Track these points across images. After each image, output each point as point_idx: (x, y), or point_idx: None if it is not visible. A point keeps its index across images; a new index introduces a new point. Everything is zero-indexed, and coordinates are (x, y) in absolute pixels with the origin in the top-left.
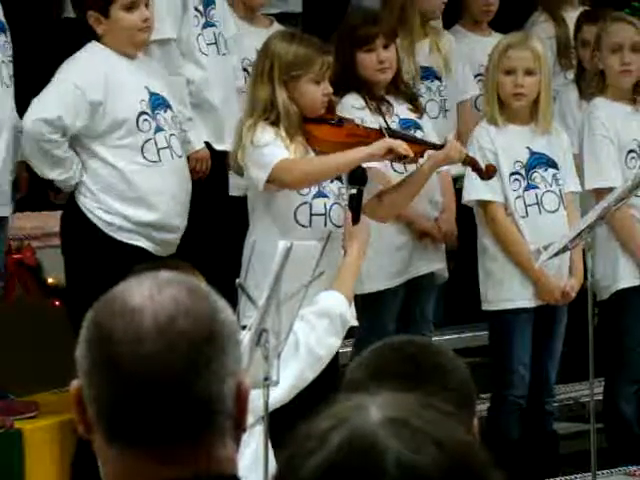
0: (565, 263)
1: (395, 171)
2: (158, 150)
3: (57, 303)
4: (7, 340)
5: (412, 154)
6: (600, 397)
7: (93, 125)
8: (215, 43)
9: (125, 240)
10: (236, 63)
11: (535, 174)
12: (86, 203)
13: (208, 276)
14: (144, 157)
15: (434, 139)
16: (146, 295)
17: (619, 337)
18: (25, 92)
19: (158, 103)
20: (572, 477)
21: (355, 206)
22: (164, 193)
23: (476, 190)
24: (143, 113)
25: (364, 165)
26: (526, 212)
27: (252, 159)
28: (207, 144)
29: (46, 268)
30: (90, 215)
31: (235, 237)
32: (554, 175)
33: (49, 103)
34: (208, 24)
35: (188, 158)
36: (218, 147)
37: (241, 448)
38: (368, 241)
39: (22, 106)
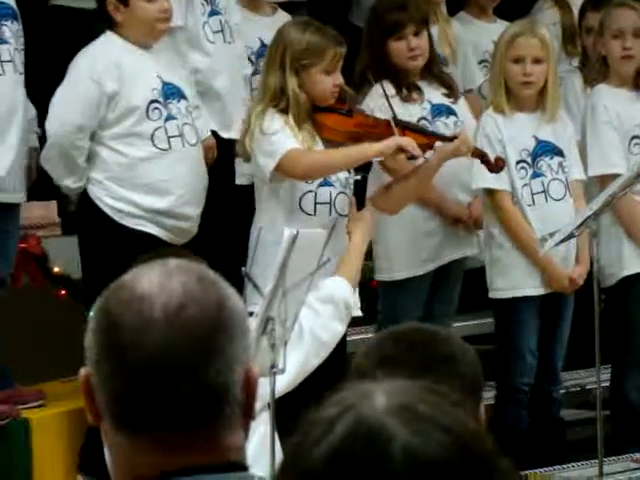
0: (572, 250)
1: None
2: (168, 138)
3: (63, 292)
4: (14, 329)
5: (421, 153)
6: (606, 384)
7: (106, 114)
8: (221, 31)
9: (134, 226)
10: (242, 51)
11: (541, 162)
12: (95, 191)
13: (215, 264)
14: (154, 145)
15: (470, 122)
16: (155, 283)
17: (625, 324)
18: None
19: (171, 92)
20: (579, 464)
21: (359, 192)
22: (173, 181)
23: (483, 178)
24: (154, 101)
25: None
26: (533, 200)
27: (260, 147)
28: (213, 132)
29: (52, 257)
30: (99, 203)
31: (241, 225)
32: (560, 163)
33: (73, 107)
34: (214, 12)
35: None
36: (225, 135)
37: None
38: (373, 226)
39: None
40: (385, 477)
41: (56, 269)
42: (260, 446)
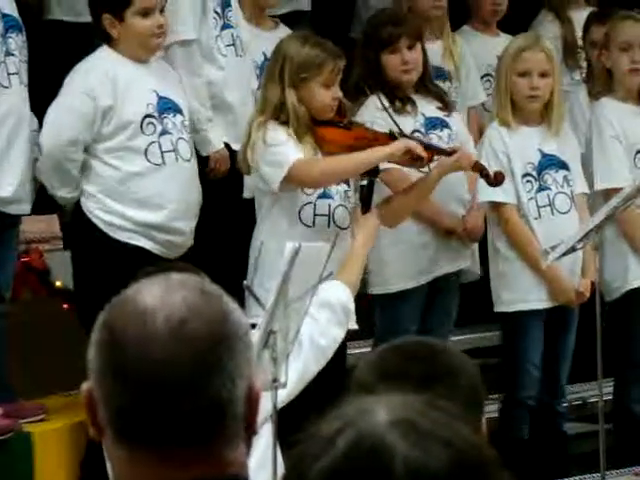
0: (577, 263)
1: (420, 171)
2: (162, 153)
3: (65, 306)
4: (16, 343)
5: (427, 155)
6: (609, 397)
7: (100, 129)
8: (233, 44)
9: (126, 240)
10: (251, 65)
11: (547, 175)
12: (87, 205)
13: (220, 277)
14: (147, 160)
15: (464, 136)
16: (157, 297)
17: (629, 337)
18: None
19: (167, 107)
20: (581, 477)
21: (365, 197)
22: (166, 196)
23: (489, 192)
24: (148, 116)
25: (382, 167)
26: (539, 213)
27: (265, 158)
28: (226, 145)
29: (54, 271)
30: (91, 216)
31: (248, 238)
32: (565, 177)
33: (67, 121)
34: (226, 26)
35: (208, 158)
36: (236, 147)
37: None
38: (376, 231)
39: None
40: None
41: (58, 283)
42: (262, 459)
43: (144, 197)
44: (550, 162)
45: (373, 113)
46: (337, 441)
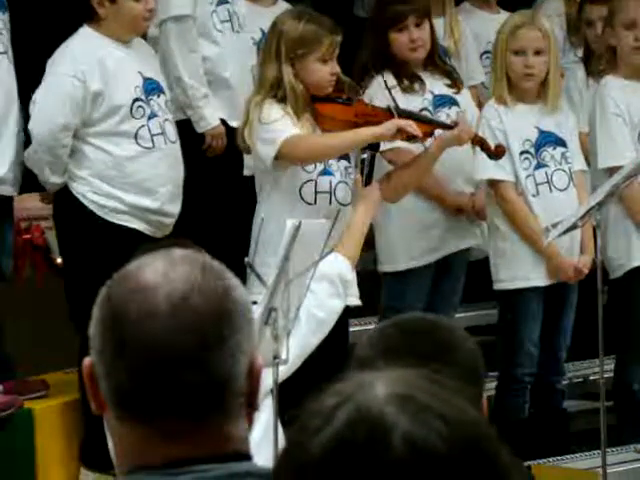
0: (576, 240)
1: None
2: (152, 136)
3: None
4: (17, 320)
5: (421, 134)
6: (610, 375)
7: (91, 114)
8: (229, 20)
9: (119, 222)
10: (249, 41)
11: (544, 153)
12: (78, 188)
13: (221, 254)
14: (138, 143)
15: (473, 113)
16: (159, 273)
17: (630, 315)
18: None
19: (152, 88)
20: (582, 454)
21: (367, 171)
22: (158, 179)
23: (486, 169)
24: (137, 100)
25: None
26: (537, 191)
27: (260, 136)
28: (223, 121)
29: (55, 248)
30: (83, 199)
31: (248, 216)
32: (563, 154)
33: (58, 107)
34: (222, 1)
35: (204, 134)
36: (234, 124)
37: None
38: (377, 204)
39: None
40: (386, 466)
41: (59, 260)
42: (263, 435)
43: (137, 181)
44: (548, 139)
45: (379, 93)
46: (336, 415)
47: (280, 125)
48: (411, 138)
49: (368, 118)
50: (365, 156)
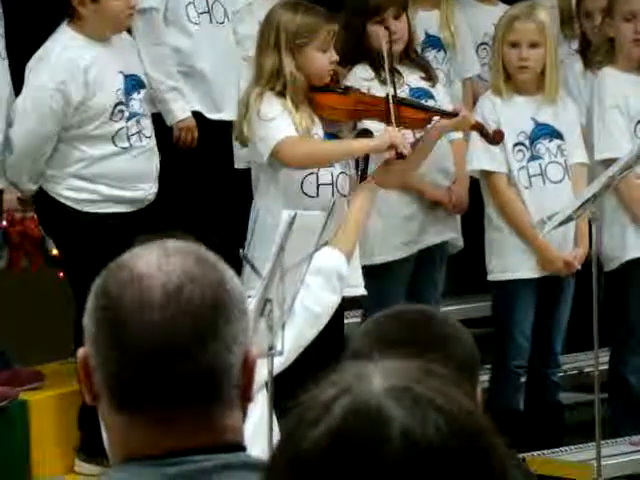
0: (570, 233)
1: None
2: (129, 137)
3: (61, 274)
4: (12, 311)
5: (411, 151)
6: (605, 367)
7: (70, 119)
8: (208, 12)
9: (96, 210)
10: (249, 32)
11: (539, 145)
12: (52, 187)
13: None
14: (114, 144)
15: (448, 107)
16: (154, 263)
17: (626, 307)
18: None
19: (132, 85)
20: (577, 447)
21: (362, 167)
22: (133, 177)
23: (478, 160)
24: (118, 104)
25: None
26: (530, 183)
27: (258, 132)
28: (199, 114)
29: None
30: (59, 197)
31: (240, 208)
32: (559, 146)
33: (37, 118)
34: None
35: (172, 128)
36: (211, 116)
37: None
38: (373, 199)
39: None
40: (383, 459)
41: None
42: (258, 427)
43: (112, 178)
44: (544, 131)
45: (359, 83)
46: (333, 408)
47: (278, 123)
48: (400, 157)
49: (368, 106)
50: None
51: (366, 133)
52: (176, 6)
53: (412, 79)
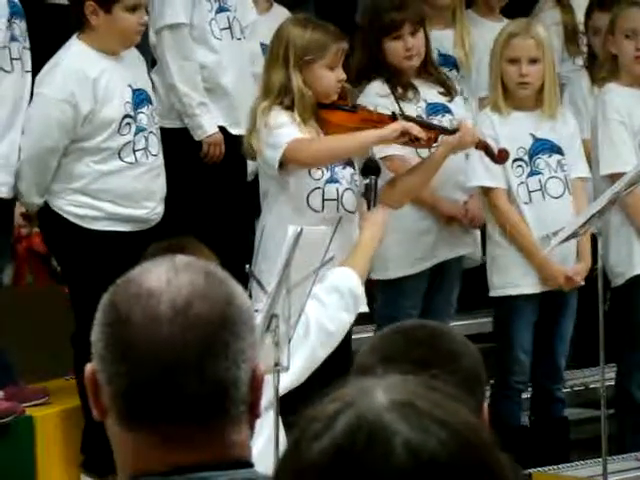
0: (572, 248)
1: (421, 157)
2: (135, 152)
3: (67, 290)
4: (18, 326)
5: (425, 136)
6: (611, 382)
7: (79, 132)
8: (229, 28)
9: (100, 228)
10: (255, 48)
11: (539, 160)
12: (56, 202)
13: (224, 261)
14: (121, 159)
15: (469, 121)
16: (163, 279)
17: (632, 323)
18: None
19: (141, 99)
20: (583, 463)
21: (372, 196)
22: (137, 194)
23: (478, 176)
24: (126, 116)
25: (383, 154)
26: (529, 198)
27: (266, 141)
28: (223, 129)
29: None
30: (61, 212)
31: (252, 223)
32: (559, 161)
33: (45, 130)
34: (222, 9)
35: (201, 142)
36: (234, 131)
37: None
38: (384, 225)
39: None
40: (387, 473)
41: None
42: (268, 444)
43: (117, 195)
44: (543, 146)
45: (374, 99)
46: (336, 422)
47: (286, 130)
48: (415, 141)
49: (373, 124)
50: (368, 181)
51: (372, 163)
52: (201, 22)
53: (429, 94)
